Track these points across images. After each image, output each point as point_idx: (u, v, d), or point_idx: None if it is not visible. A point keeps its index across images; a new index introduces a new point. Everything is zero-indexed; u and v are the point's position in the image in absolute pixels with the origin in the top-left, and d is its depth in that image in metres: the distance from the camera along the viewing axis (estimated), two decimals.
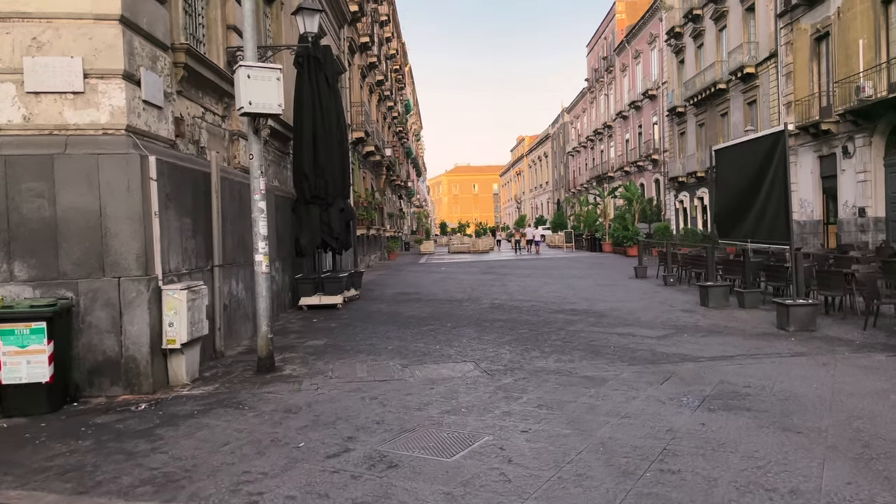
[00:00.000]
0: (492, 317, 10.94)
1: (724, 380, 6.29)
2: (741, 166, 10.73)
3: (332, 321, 10.80)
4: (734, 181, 11.03)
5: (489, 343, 8.49)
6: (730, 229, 11.13)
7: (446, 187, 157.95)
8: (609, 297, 13.59)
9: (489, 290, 15.49)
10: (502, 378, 6.55)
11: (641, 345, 8.14)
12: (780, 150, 9.30)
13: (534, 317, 10.82)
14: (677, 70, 38.45)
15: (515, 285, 16.74)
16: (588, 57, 63.71)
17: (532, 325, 9.87)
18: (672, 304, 12.17)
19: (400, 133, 48.09)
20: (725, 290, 11.53)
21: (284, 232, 12.16)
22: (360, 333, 9.48)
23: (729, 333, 8.85)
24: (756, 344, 8.05)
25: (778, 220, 9.43)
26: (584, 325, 9.79)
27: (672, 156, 39.89)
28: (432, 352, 7.96)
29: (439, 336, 9.11)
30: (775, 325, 9.31)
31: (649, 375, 6.52)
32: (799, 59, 24.83)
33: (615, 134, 52.77)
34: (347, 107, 22.77)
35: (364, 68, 27.65)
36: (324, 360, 7.60)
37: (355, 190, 23.38)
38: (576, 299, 13.22)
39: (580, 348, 8.00)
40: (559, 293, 14.48)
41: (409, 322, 10.54)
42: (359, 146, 25.05)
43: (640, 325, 9.78)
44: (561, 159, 75.70)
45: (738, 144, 10.76)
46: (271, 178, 12.21)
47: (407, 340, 8.80)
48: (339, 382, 6.51)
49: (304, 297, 12.26)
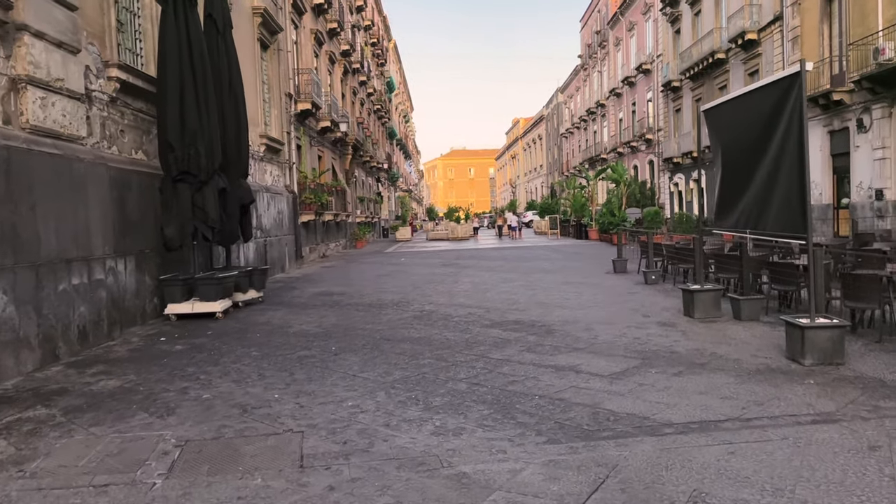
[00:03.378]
0: (402, 334, 8.17)
1: (700, 490, 3.52)
2: (738, 130, 7.90)
3: (188, 340, 8.03)
4: (729, 151, 8.20)
5: (362, 386, 5.72)
6: (725, 216, 8.34)
7: (441, 171, 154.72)
8: (571, 300, 10.81)
9: (431, 291, 12.71)
10: (312, 480, 3.79)
11: (582, 393, 5.37)
12: (793, 103, 6.46)
13: (458, 334, 8.05)
14: (673, 41, 35.40)
15: (467, 283, 13.95)
16: (581, 32, 60.46)
17: (445, 351, 7.10)
18: (647, 311, 9.40)
19: (378, 111, 45.07)
20: (716, 296, 8.75)
21: (143, 218, 9.35)
22: (199, 363, 6.72)
23: (717, 369, 6.08)
24: (756, 392, 5.28)
25: (789, 203, 6.61)
26: (516, 351, 7.02)
27: (667, 135, 36.95)
28: (260, 406, 5.19)
29: (303, 370, 6.35)
30: (784, 352, 6.54)
31: (570, 476, 3.75)
32: (807, 21, 21.85)
33: (608, 113, 49.76)
34: (290, 73, 19.87)
35: (319, 33, 24.66)
36: (67, 427, 4.82)
37: (300, 170, 20.55)
38: (528, 305, 10.43)
39: (486, 400, 5.22)
40: (512, 295, 11.69)
41: (289, 343, 7.77)
42: (308, 119, 22.16)
43: (593, 349, 7.00)
44: (555, 141, 72.66)
45: (735, 99, 7.92)
46: (129, 148, 9.37)
47: (248, 380, 6.03)
48: (25, 487, 3.74)
49: (173, 304, 9.48)
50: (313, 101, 20.89)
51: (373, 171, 42.39)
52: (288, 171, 19.22)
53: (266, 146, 16.72)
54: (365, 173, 38.91)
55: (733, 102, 8.00)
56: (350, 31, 31.38)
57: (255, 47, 16.47)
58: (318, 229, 23.31)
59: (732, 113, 8.10)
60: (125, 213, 8.89)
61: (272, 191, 16.99)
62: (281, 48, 18.77)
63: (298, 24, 21.74)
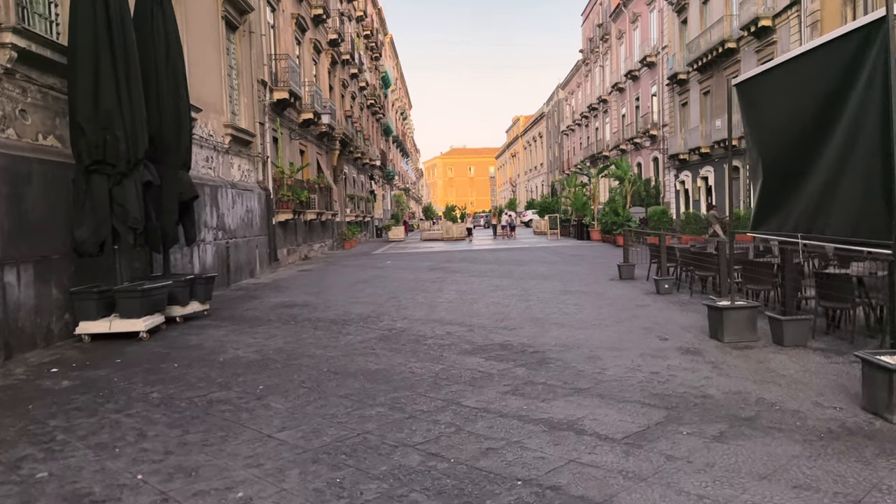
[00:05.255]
0: (357, 365, 6.47)
1: None
2: (788, 106, 6.20)
3: (84, 372, 6.33)
4: (774, 134, 6.51)
5: (273, 457, 4.02)
6: (769, 216, 6.64)
7: (441, 170, 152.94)
8: (571, 315, 9.11)
9: (409, 301, 11.01)
10: None
11: (587, 475, 3.66)
12: (872, 63, 4.76)
13: (427, 365, 6.35)
14: (679, 31, 33.65)
15: (453, 291, 12.24)
16: (583, 26, 58.72)
17: (405, 393, 5.40)
18: (663, 332, 7.70)
19: (372, 107, 43.38)
20: (751, 316, 7.04)
21: (50, 218, 7.66)
22: (73, 412, 5.03)
23: (772, 427, 4.37)
24: (843, 476, 3.58)
25: (867, 197, 4.91)
26: (497, 393, 5.31)
27: (672, 130, 35.22)
28: (103, 501, 3.50)
29: (203, 426, 4.65)
30: (860, 399, 4.84)
31: None
32: (828, 5, 20.13)
33: (611, 109, 48.02)
34: (265, 59, 18.19)
35: (302, 18, 22.96)
36: None
37: (276, 164, 18.85)
38: (520, 321, 8.73)
39: (443, 490, 3.51)
40: (503, 307, 9.99)
41: (208, 377, 6.08)
42: (287, 110, 20.46)
43: (600, 390, 5.30)
44: (556, 139, 70.91)
45: (783, 66, 6.21)
46: (32, 133, 7.68)
47: (118, 445, 4.33)
48: None
49: (85, 322, 7.78)
50: (291, 89, 19.17)
51: (365, 169, 40.67)
52: (261, 166, 17.52)
53: (233, 137, 15.02)
54: (356, 170, 37.20)
55: (781, 70, 6.28)
56: (338, 20, 29.67)
57: (220, 26, 14.78)
58: (299, 229, 21.61)
59: (779, 84, 6.38)
60: (22, 211, 7.21)
61: (240, 187, 15.30)
62: (253, 30, 17.08)
63: (276, 7, 20.02)
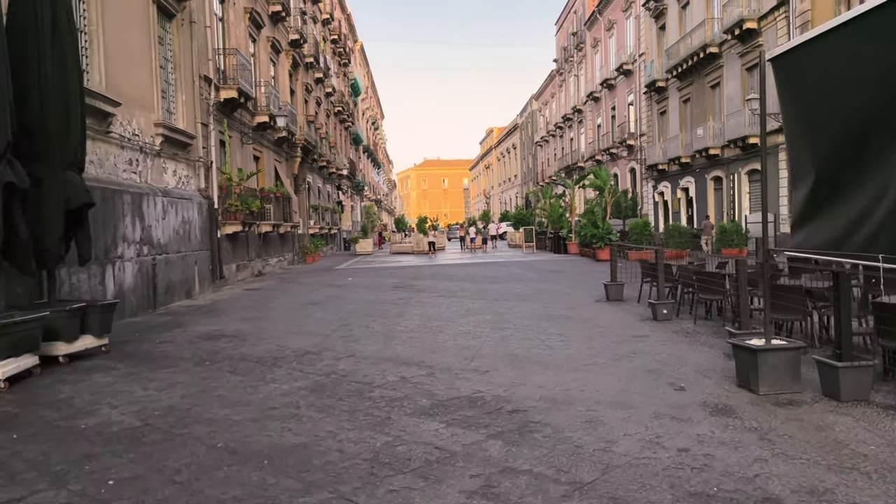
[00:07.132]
0: (266, 439, 4.65)
1: None
2: (848, 84, 4.61)
3: None
4: (827, 121, 4.92)
5: None
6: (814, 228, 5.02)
7: (415, 182, 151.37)
8: (556, 352, 7.40)
9: (362, 331, 9.20)
10: None
11: None
12: None
13: (365, 436, 4.56)
14: (657, 38, 32.58)
15: (416, 316, 10.47)
16: (557, 36, 57.81)
17: (323, 491, 3.61)
18: (676, 376, 6.03)
19: (340, 114, 41.55)
20: (793, 360, 5.41)
21: None
22: None
23: None
24: None
25: None
26: (459, 495, 3.55)
27: (651, 140, 34.06)
28: None
29: None
30: None
31: None
32: (820, 4, 18.99)
33: (586, 119, 46.93)
34: (210, 53, 16.34)
35: (256, 13, 21.14)
36: None
37: (223, 171, 16.93)
38: (493, 360, 7.00)
39: None
40: (473, 339, 8.25)
41: (46, 460, 4.22)
42: (239, 112, 18.58)
43: (610, 489, 3.58)
44: (529, 150, 69.81)
45: (837, 31, 4.63)
46: None
47: None
48: None
49: None
50: (241, 88, 17.28)
51: (332, 179, 38.77)
52: (204, 172, 15.60)
53: (166, 138, 13.12)
54: (322, 180, 35.28)
55: (837, 36, 4.70)
56: (300, 19, 27.88)
57: (150, 11, 12.90)
58: (252, 242, 19.64)
59: (832, 58, 4.80)
60: None
61: (174, 195, 13.36)
62: (195, 20, 15.22)
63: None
